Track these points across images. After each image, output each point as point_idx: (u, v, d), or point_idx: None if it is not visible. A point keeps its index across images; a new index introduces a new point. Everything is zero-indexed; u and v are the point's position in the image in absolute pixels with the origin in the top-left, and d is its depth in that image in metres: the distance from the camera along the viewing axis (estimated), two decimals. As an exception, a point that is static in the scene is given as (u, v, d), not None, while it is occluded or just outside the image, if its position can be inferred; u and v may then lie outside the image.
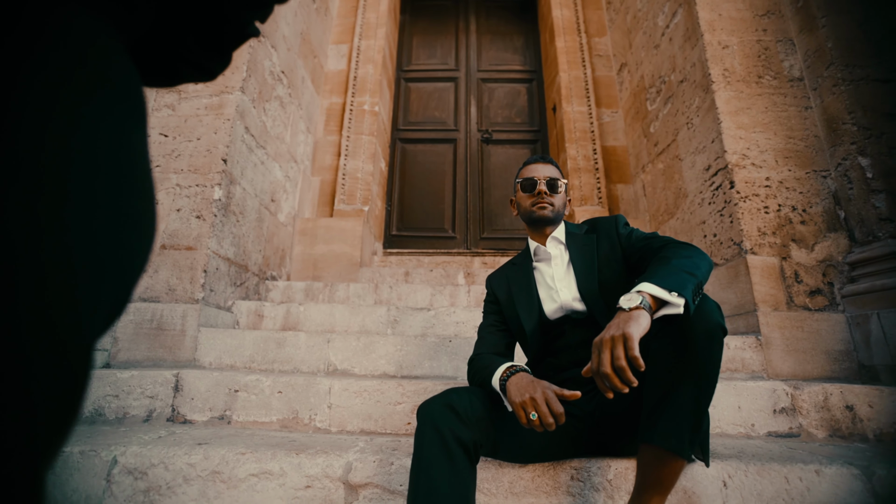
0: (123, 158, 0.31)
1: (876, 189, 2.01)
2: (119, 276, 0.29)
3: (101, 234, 0.28)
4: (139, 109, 0.33)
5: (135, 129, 0.32)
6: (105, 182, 0.30)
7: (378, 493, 1.22)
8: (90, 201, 0.28)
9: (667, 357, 0.95)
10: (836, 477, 1.12)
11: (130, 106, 0.32)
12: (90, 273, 0.27)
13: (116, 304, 0.29)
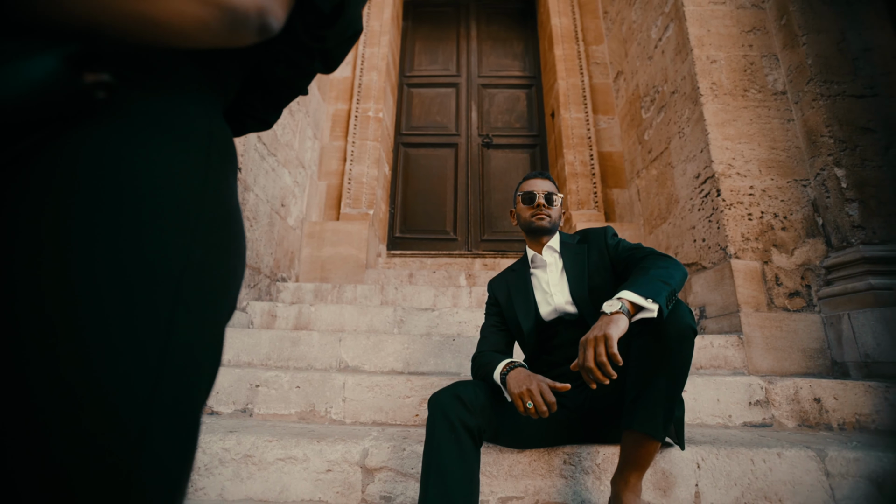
0: (236, 206, 0.46)
1: (850, 198, 2.16)
2: (231, 308, 0.44)
3: (236, 259, 0.44)
4: (235, 162, 0.48)
5: (233, 176, 0.47)
6: (236, 222, 0.46)
7: (392, 475, 1.38)
8: (238, 235, 0.44)
9: (645, 354, 1.10)
10: (795, 458, 1.27)
11: (233, 161, 0.47)
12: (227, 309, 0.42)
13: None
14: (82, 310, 0.30)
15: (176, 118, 0.40)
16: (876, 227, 2.08)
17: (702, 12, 2.82)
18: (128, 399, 0.31)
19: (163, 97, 0.40)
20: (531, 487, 1.34)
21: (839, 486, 1.23)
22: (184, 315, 0.35)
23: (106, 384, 0.30)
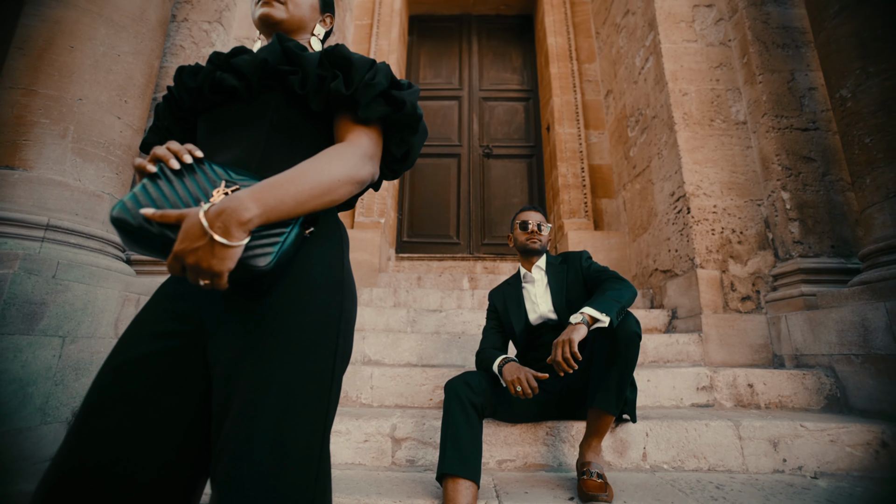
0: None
1: (792, 217, 2.57)
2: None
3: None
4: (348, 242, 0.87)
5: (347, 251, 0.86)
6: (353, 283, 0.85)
7: (415, 444, 1.80)
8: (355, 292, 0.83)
9: (602, 353, 1.52)
10: (718, 427, 1.70)
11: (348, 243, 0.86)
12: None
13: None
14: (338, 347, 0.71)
15: (332, 231, 0.80)
16: (811, 242, 2.49)
17: (676, 49, 3.21)
18: (315, 446, 0.68)
19: (328, 220, 0.80)
20: (521, 452, 1.77)
21: (747, 446, 1.66)
22: (342, 360, 0.75)
23: (312, 439, 0.68)
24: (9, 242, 1.64)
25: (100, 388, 0.66)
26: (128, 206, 0.59)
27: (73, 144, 1.94)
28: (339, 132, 0.77)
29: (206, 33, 3.05)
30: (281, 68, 0.77)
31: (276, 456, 0.60)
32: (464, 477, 1.35)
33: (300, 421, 0.62)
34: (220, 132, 0.80)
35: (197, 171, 0.65)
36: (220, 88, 0.79)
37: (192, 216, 0.57)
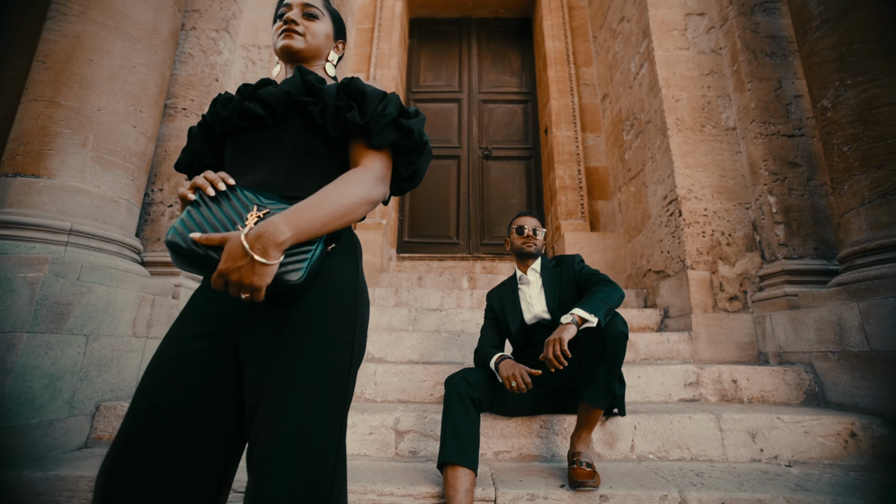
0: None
1: (778, 221, 2.68)
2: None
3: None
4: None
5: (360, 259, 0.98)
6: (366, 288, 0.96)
7: (417, 436, 1.92)
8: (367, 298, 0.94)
9: (591, 351, 1.63)
10: (700, 419, 1.81)
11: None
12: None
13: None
14: (355, 352, 0.82)
15: (347, 243, 0.91)
16: (796, 244, 2.60)
17: (668, 56, 3.31)
18: (335, 430, 0.80)
19: (344, 233, 0.91)
20: (516, 444, 1.89)
21: (727, 437, 1.78)
22: (357, 358, 0.86)
23: (332, 424, 0.79)
24: (37, 247, 1.75)
25: (152, 378, 0.78)
26: (178, 231, 0.70)
27: (92, 153, 2.04)
28: (353, 156, 0.88)
29: (213, 41, 3.15)
30: (303, 99, 0.87)
31: (303, 439, 0.71)
32: (462, 465, 1.46)
33: (322, 409, 0.74)
34: (247, 154, 0.91)
35: (231, 197, 0.76)
36: (248, 116, 0.90)
37: (234, 239, 0.68)
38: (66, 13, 2.08)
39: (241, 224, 0.73)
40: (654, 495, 1.46)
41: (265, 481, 0.68)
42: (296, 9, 1.02)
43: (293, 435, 0.70)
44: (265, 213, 0.74)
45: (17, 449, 1.49)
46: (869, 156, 1.99)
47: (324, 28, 1.05)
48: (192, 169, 1.00)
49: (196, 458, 0.75)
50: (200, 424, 0.76)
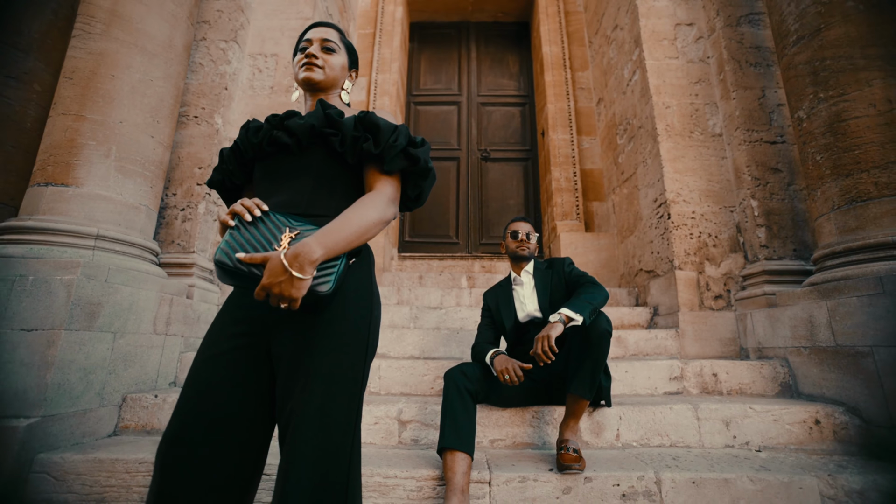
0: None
1: (760, 224, 2.82)
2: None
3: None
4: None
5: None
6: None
7: (419, 425, 2.07)
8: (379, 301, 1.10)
9: (578, 347, 1.79)
10: (679, 410, 1.97)
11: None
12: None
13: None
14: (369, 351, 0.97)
15: (363, 254, 1.06)
16: (776, 246, 2.75)
17: (659, 65, 3.45)
18: (352, 413, 0.96)
19: (363, 246, 1.06)
20: (510, 433, 2.04)
21: (703, 425, 1.93)
22: (371, 353, 1.01)
23: (350, 409, 0.94)
24: (68, 251, 1.91)
25: (198, 371, 0.93)
26: (224, 251, 0.85)
27: (115, 163, 2.19)
28: (368, 180, 1.03)
29: (223, 51, 3.29)
30: (325, 131, 1.02)
31: (324, 419, 0.86)
32: (460, 450, 1.62)
33: (341, 395, 0.89)
34: (275, 176, 1.06)
35: (265, 220, 0.91)
36: (276, 144, 1.04)
37: (274, 258, 0.83)
38: (90, 31, 2.22)
39: (276, 244, 0.87)
40: (632, 476, 1.61)
41: (293, 456, 0.83)
42: (316, 44, 1.16)
43: (316, 416, 0.85)
44: (296, 233, 0.89)
45: (58, 434, 1.65)
46: (838, 165, 2.14)
47: (340, 60, 1.19)
48: (223, 186, 1.15)
49: (236, 435, 0.90)
50: (239, 408, 0.91)
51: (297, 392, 0.88)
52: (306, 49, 1.16)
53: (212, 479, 0.86)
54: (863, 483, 1.48)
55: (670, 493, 1.56)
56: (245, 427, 0.91)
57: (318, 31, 1.17)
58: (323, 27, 1.18)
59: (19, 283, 1.70)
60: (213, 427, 0.88)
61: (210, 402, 0.90)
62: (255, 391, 0.93)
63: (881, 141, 1.98)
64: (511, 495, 1.61)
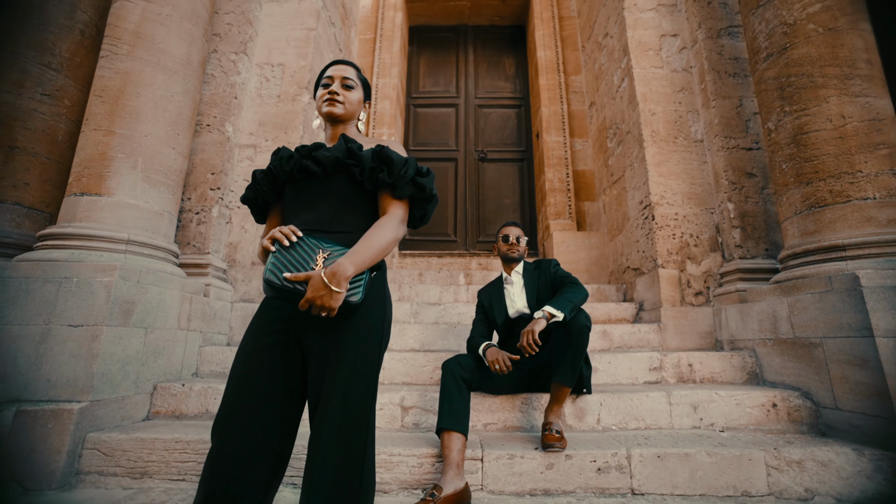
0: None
1: (735, 225, 3.04)
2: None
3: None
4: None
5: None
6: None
7: (419, 411, 2.30)
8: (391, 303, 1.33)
9: (560, 340, 2.01)
10: (654, 396, 2.20)
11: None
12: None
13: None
14: (382, 344, 1.19)
15: (381, 263, 1.27)
16: (749, 246, 2.97)
17: (646, 74, 3.65)
18: (369, 398, 1.17)
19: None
20: (501, 417, 2.27)
21: (674, 409, 2.16)
22: (384, 345, 1.23)
23: (367, 394, 1.16)
24: (104, 255, 2.12)
25: (241, 362, 1.14)
26: (272, 271, 1.05)
27: (142, 173, 2.41)
28: (382, 203, 1.24)
29: (233, 63, 3.49)
30: (347, 162, 1.23)
31: (346, 399, 1.07)
32: (456, 430, 1.84)
33: (360, 379, 1.10)
34: (303, 198, 1.26)
35: (300, 243, 1.11)
36: (305, 171, 1.25)
37: (315, 276, 1.04)
38: (116, 52, 2.43)
39: (313, 264, 1.08)
40: (607, 453, 1.84)
41: (322, 428, 1.05)
42: (337, 81, 1.36)
43: (340, 397, 1.07)
44: (328, 253, 1.10)
45: (103, 417, 1.87)
46: (801, 173, 2.35)
47: (357, 95, 1.39)
48: (255, 203, 1.36)
49: (274, 412, 1.12)
50: (275, 391, 1.13)
51: (325, 377, 1.09)
52: (329, 86, 1.35)
53: (257, 447, 1.08)
54: (801, 455, 1.71)
55: (638, 466, 1.79)
56: (280, 405, 1.13)
57: (339, 69, 1.37)
58: (343, 65, 1.38)
59: (65, 285, 1.92)
60: (256, 406, 1.10)
61: (253, 386, 1.11)
62: (288, 377, 1.15)
63: (836, 153, 2.19)
64: (500, 470, 1.84)
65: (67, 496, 1.59)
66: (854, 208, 2.10)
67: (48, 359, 1.81)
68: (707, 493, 1.71)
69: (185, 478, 1.75)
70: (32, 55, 2.47)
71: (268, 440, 1.10)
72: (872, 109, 2.15)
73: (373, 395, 1.13)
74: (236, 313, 3.16)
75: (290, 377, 1.15)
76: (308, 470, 1.06)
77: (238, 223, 3.36)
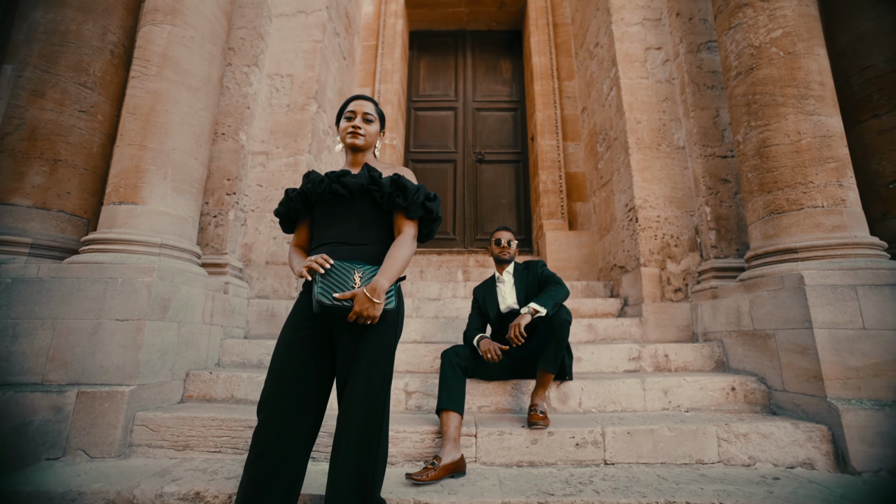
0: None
1: (711, 227, 3.31)
2: None
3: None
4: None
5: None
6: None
7: (421, 395, 2.58)
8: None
9: (543, 333, 2.28)
10: (630, 383, 2.48)
11: None
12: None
13: None
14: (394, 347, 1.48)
15: (404, 274, 1.56)
16: (723, 247, 3.24)
17: (632, 84, 3.90)
18: (386, 382, 1.45)
19: None
20: (493, 401, 2.55)
21: (647, 394, 2.44)
22: (399, 336, 1.51)
23: (384, 378, 1.44)
24: (143, 258, 2.40)
25: (281, 352, 1.42)
26: (322, 293, 1.31)
27: (171, 183, 2.67)
28: (397, 222, 1.52)
29: (245, 75, 3.75)
30: (370, 188, 1.50)
31: (368, 382, 1.35)
32: (453, 410, 2.12)
33: (379, 365, 1.38)
34: (332, 215, 1.53)
35: (337, 268, 1.38)
36: (334, 193, 1.52)
37: (360, 293, 1.31)
38: (146, 73, 2.68)
39: (352, 283, 1.35)
40: (584, 431, 2.12)
41: (349, 405, 1.34)
42: (359, 116, 1.62)
43: (363, 379, 1.35)
44: (362, 273, 1.37)
45: (147, 399, 2.16)
46: (763, 183, 2.62)
47: (375, 128, 1.65)
48: (287, 217, 1.63)
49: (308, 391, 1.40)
50: (310, 375, 1.41)
51: (351, 365, 1.38)
52: (352, 119, 1.61)
53: (295, 417, 1.36)
54: (748, 429, 1.99)
55: (611, 441, 2.07)
56: (314, 385, 1.42)
57: (361, 104, 1.63)
58: (364, 101, 1.64)
59: (111, 284, 2.19)
60: (295, 386, 1.38)
61: (292, 370, 1.39)
62: (320, 364, 1.43)
63: (792, 165, 2.46)
64: (491, 445, 2.13)
65: (125, 464, 1.88)
66: (806, 215, 2.37)
67: (100, 348, 2.10)
68: (667, 462, 2.00)
69: (221, 450, 2.04)
70: (71, 76, 2.73)
71: (304, 412, 1.39)
72: (823, 127, 2.41)
73: (389, 378, 1.42)
74: (252, 309, 3.44)
75: (321, 363, 1.43)
76: (337, 437, 1.35)
77: (252, 225, 3.64)
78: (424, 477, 1.81)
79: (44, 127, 2.64)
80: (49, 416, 1.88)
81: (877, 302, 2.00)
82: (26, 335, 2.06)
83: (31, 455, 1.80)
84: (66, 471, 1.77)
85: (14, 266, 2.20)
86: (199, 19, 2.88)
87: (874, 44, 2.63)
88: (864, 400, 1.94)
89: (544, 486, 1.79)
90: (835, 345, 2.00)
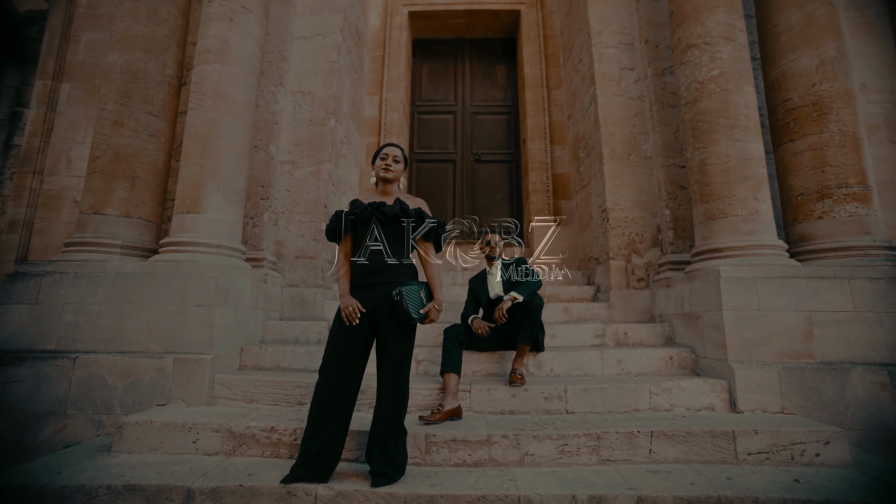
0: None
1: (669, 227, 3.94)
2: None
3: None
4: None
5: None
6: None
7: (428, 363, 3.25)
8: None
9: (522, 315, 2.94)
10: (591, 353, 3.15)
11: None
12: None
13: None
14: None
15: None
16: (679, 244, 3.88)
17: (608, 101, 4.49)
18: (408, 360, 2.12)
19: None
20: (484, 367, 3.22)
21: (605, 363, 3.11)
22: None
23: (411, 348, 2.12)
24: (207, 257, 3.04)
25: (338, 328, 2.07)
26: (412, 310, 1.97)
27: (223, 195, 3.30)
28: (420, 244, 2.16)
29: (273, 94, 4.34)
30: (401, 217, 2.14)
31: (397, 357, 2.03)
32: (453, 372, 2.79)
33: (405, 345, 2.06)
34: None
35: (410, 292, 2.02)
36: (375, 219, 2.15)
37: (433, 309, 2.04)
38: (202, 105, 3.29)
39: (420, 299, 2.01)
40: (551, 388, 2.79)
41: (385, 370, 2.01)
42: (390, 157, 2.25)
43: (396, 350, 2.03)
44: (423, 290, 2.05)
45: (219, 365, 2.84)
46: (703, 194, 3.25)
47: (401, 167, 2.29)
48: (334, 234, 2.26)
49: (357, 359, 2.06)
50: (357, 347, 2.06)
51: (388, 341, 2.04)
52: (385, 159, 2.25)
53: (347, 377, 2.03)
54: (671, 385, 2.68)
55: (571, 395, 2.75)
56: (360, 354, 2.07)
57: (392, 150, 2.27)
58: (394, 148, 2.28)
59: (188, 278, 2.85)
60: (349, 354, 2.04)
61: (347, 343, 2.04)
62: (365, 339, 2.09)
63: (721, 181, 3.09)
64: (481, 397, 2.80)
65: (213, 409, 2.57)
66: (729, 222, 3.01)
67: (185, 327, 2.76)
68: (613, 411, 2.68)
69: (278, 404, 2.72)
70: (141, 107, 3.34)
71: (353, 374, 2.05)
72: (746, 151, 3.04)
73: (412, 350, 2.09)
74: (285, 295, 4.10)
75: (366, 339, 2.09)
76: (378, 388, 2.03)
77: (283, 225, 4.28)
78: (432, 418, 2.49)
79: (124, 150, 3.26)
80: (155, 375, 2.56)
81: (770, 290, 2.66)
82: (131, 316, 2.73)
83: (145, 402, 2.49)
84: (175, 412, 2.47)
85: (114, 263, 2.86)
86: (241, 56, 3.48)
87: (791, 82, 3.22)
88: (753, 362, 2.61)
89: (518, 425, 2.47)
90: (737, 322, 2.67)
